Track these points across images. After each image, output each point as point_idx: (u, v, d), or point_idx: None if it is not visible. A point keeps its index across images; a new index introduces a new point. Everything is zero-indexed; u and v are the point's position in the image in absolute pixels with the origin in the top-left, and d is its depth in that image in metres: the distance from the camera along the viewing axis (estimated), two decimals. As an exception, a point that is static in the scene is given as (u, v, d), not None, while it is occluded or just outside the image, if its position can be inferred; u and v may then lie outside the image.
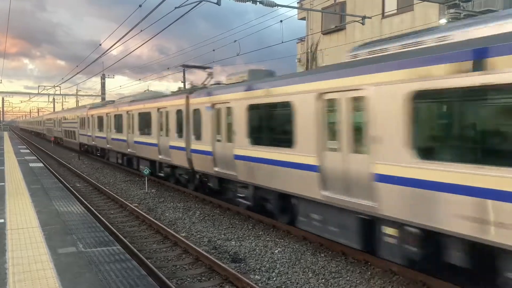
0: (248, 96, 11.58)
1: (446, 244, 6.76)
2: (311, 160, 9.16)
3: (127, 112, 22.26)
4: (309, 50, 24.63)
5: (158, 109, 18.01)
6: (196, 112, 14.66)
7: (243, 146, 11.73)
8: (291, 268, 8.70)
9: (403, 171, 6.98)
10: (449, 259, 6.77)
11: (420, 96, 6.72)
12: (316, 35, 24.11)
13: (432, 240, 6.91)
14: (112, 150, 25.94)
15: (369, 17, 18.89)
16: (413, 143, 6.86)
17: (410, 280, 7.84)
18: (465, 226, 6.09)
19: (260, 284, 7.87)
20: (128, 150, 22.10)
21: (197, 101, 14.72)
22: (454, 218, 6.22)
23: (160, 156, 17.96)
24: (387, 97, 7.24)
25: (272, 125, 10.94)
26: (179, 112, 15.95)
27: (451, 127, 6.46)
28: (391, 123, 7.19)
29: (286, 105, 10.01)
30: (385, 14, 20.17)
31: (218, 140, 13.26)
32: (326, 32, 23.60)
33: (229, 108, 12.59)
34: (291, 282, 8.00)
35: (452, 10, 11.50)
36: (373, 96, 7.53)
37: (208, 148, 13.76)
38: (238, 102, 11.99)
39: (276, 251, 9.75)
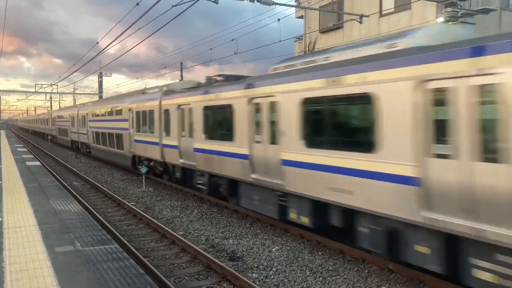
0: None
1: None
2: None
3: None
4: (307, 49, 24.62)
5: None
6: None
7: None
8: (289, 267, 8.71)
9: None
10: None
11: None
12: (314, 33, 24.10)
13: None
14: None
15: (366, 16, 18.90)
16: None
17: (407, 278, 7.86)
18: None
19: (257, 283, 7.88)
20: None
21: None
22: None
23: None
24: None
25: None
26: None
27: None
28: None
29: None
30: (383, 12, 20.18)
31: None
32: (324, 31, 23.59)
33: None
34: (288, 280, 8.01)
35: (449, 9, 11.51)
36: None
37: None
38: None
39: (274, 250, 9.76)
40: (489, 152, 5.87)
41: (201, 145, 13.87)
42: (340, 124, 8.66)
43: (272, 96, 10.36)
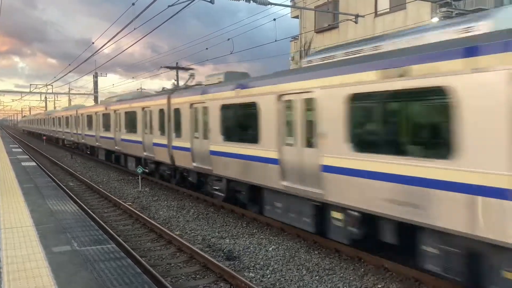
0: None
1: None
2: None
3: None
4: (302, 49, 24.68)
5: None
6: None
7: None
8: (285, 266, 8.75)
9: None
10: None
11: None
12: (309, 33, 24.17)
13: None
14: None
15: (362, 16, 18.99)
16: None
17: (402, 276, 7.92)
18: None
19: (254, 282, 7.92)
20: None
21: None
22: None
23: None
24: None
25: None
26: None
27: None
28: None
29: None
30: (378, 12, 20.27)
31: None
32: (319, 31, 23.67)
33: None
34: (285, 279, 8.05)
35: (443, 9, 11.62)
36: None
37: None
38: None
39: (270, 249, 9.80)
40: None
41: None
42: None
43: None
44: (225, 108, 12.37)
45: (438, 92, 6.38)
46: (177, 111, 15.68)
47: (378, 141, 7.51)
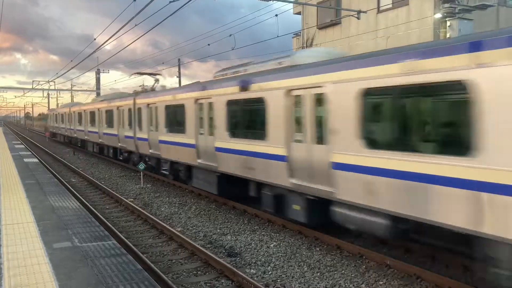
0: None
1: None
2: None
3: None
4: (305, 45, 24.59)
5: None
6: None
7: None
8: (287, 262, 8.74)
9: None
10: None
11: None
12: (312, 29, 24.07)
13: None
14: None
15: (364, 12, 18.90)
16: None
17: (404, 273, 7.89)
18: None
19: (255, 278, 7.90)
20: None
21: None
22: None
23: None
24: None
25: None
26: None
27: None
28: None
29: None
30: (381, 8, 20.16)
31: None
32: (322, 27, 23.57)
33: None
34: (286, 276, 8.04)
35: (447, 5, 11.50)
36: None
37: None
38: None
39: (272, 245, 9.78)
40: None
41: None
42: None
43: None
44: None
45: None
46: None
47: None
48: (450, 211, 6.37)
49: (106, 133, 25.50)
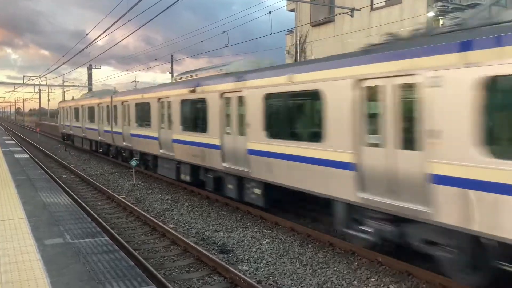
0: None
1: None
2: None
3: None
4: (298, 42, 24.60)
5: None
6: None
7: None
8: (279, 259, 8.76)
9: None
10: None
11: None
12: (305, 27, 24.07)
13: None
14: None
15: (357, 9, 18.93)
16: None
17: (396, 270, 7.95)
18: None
19: (248, 275, 7.92)
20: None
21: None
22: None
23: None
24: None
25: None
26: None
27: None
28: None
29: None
30: (374, 6, 20.21)
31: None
32: (315, 24, 23.57)
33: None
34: (279, 273, 8.06)
35: (440, 3, 11.57)
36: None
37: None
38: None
39: (264, 242, 9.81)
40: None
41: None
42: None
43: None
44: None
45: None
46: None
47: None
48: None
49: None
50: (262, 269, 8.25)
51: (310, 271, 8.15)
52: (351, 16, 19.02)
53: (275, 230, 10.69)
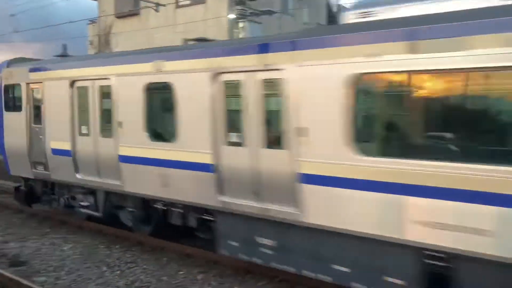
0: None
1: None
2: None
3: None
4: (102, 33, 23.32)
5: None
6: None
7: None
8: (83, 264, 8.19)
9: None
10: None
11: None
12: (110, 18, 22.94)
13: None
14: None
15: (163, 5, 18.91)
16: None
17: (205, 260, 8.21)
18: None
19: (46, 286, 7.17)
20: None
21: None
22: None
23: None
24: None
25: None
26: None
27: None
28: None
29: None
30: (179, 3, 20.48)
31: None
32: (120, 16, 22.69)
33: None
34: (82, 279, 7.53)
35: (239, 7, 12.42)
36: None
37: None
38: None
39: (66, 248, 9.05)
40: None
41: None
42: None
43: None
44: None
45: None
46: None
47: None
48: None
49: None
50: (64, 278, 7.59)
51: (118, 272, 7.84)
52: (156, 11, 18.89)
53: (79, 234, 9.94)
